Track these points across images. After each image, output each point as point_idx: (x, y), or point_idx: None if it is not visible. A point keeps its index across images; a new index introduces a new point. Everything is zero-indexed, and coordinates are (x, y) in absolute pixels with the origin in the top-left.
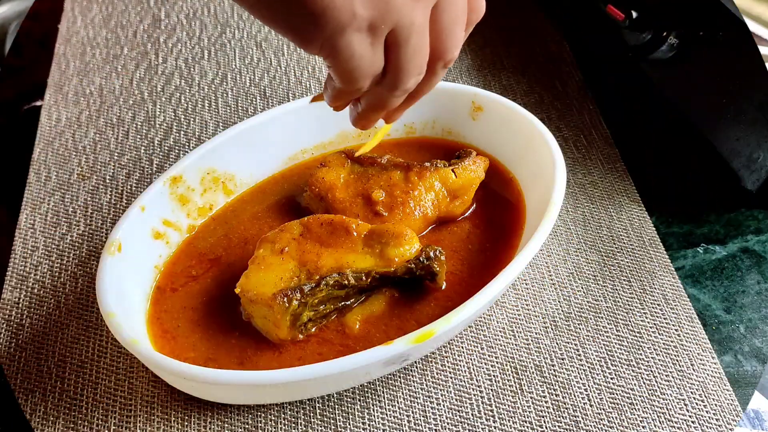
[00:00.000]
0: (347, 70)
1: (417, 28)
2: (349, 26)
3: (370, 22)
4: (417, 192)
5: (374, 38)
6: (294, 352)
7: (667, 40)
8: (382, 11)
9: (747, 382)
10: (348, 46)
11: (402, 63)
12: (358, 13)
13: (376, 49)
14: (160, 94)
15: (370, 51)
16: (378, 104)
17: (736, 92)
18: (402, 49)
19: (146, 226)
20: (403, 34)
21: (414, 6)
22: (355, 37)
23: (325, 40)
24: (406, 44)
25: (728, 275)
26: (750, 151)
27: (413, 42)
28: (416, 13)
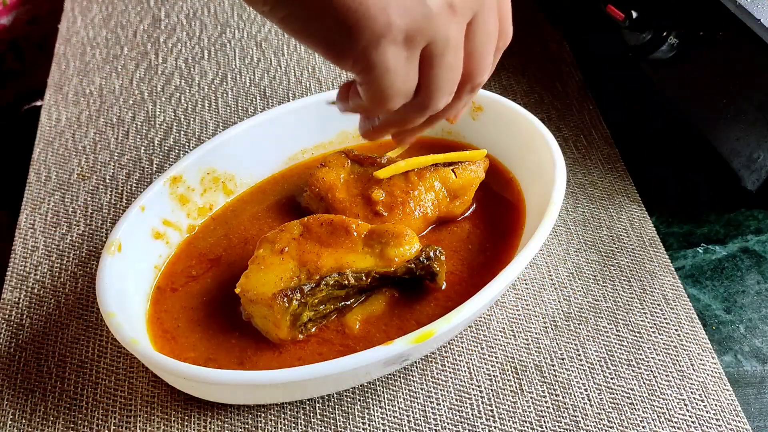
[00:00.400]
0: (381, 87)
1: (453, 44)
2: (385, 37)
3: (407, 34)
4: (417, 192)
5: (410, 51)
6: (294, 352)
7: (667, 40)
8: (420, 22)
9: (747, 382)
10: (383, 58)
11: (435, 81)
12: (395, 23)
13: (411, 64)
14: (160, 94)
15: (405, 66)
16: (399, 121)
17: (736, 92)
18: (436, 66)
19: (146, 226)
20: (438, 49)
21: (451, 20)
22: (390, 49)
23: (360, 53)
24: (441, 61)
25: (728, 275)
26: (750, 151)
27: (448, 59)
28: (452, 27)
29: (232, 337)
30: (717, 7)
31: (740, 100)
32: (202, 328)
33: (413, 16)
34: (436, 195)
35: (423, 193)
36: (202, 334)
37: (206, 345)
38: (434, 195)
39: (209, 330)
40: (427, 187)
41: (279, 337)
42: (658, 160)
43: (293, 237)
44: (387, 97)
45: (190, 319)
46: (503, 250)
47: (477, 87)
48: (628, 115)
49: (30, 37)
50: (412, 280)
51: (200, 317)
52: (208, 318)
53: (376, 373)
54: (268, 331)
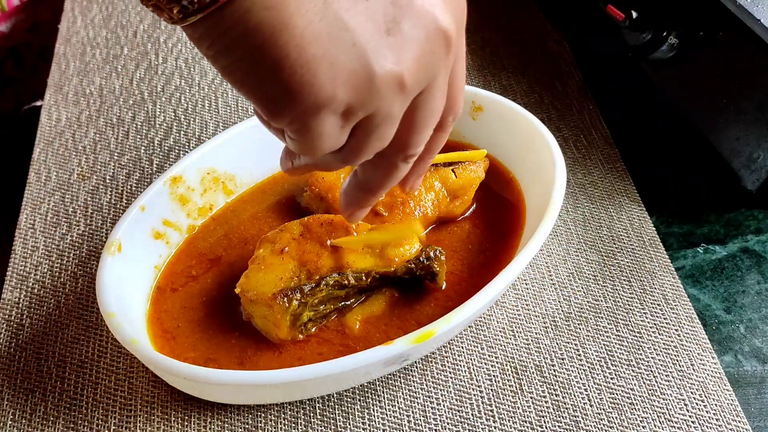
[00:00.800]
0: (310, 147)
1: (390, 119)
2: (327, 108)
3: (348, 107)
4: (417, 192)
5: (346, 122)
6: (294, 352)
7: (667, 40)
8: (364, 98)
9: (747, 382)
10: (319, 125)
11: (360, 145)
12: (338, 96)
13: (345, 132)
14: (160, 94)
15: (338, 133)
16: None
17: (736, 92)
18: (367, 135)
19: (146, 226)
20: (375, 121)
21: (397, 97)
22: (329, 119)
23: (296, 117)
24: (374, 132)
25: (728, 275)
26: (750, 151)
27: (381, 131)
28: (396, 105)
29: (232, 337)
30: (717, 7)
31: (740, 100)
32: (202, 328)
33: (359, 92)
34: (436, 195)
35: (423, 193)
36: (202, 334)
37: (206, 345)
38: (434, 195)
39: (209, 330)
40: (427, 187)
41: (279, 337)
42: (658, 160)
43: (293, 237)
44: (312, 152)
45: (190, 319)
46: (503, 250)
47: (410, 158)
48: (628, 115)
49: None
50: (412, 280)
51: (200, 317)
52: (208, 318)
53: (376, 373)
54: (268, 331)
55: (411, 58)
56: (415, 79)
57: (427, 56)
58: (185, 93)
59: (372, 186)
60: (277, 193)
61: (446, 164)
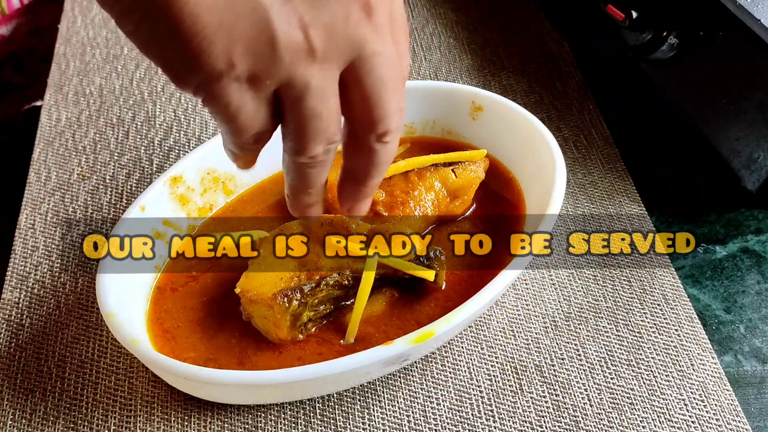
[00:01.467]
0: (226, 119)
1: (314, 90)
2: (226, 75)
3: (251, 74)
4: (417, 192)
5: (257, 91)
6: (294, 352)
7: (667, 40)
8: (268, 65)
9: (747, 382)
10: (224, 94)
11: (299, 125)
12: (237, 62)
13: (260, 103)
14: (160, 94)
15: (252, 103)
16: (301, 180)
17: (736, 92)
18: (297, 110)
19: (146, 226)
20: (294, 94)
21: (309, 64)
22: (232, 86)
23: (200, 84)
24: (301, 106)
25: (728, 275)
26: (750, 151)
27: (310, 105)
28: (311, 73)
29: (232, 337)
30: (717, 7)
31: (740, 100)
32: (202, 328)
33: (261, 59)
34: (436, 195)
35: (423, 193)
36: (202, 334)
37: (206, 345)
38: (434, 195)
39: (209, 330)
40: (427, 187)
41: (279, 337)
42: (658, 160)
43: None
44: (238, 129)
45: (190, 319)
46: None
47: (384, 135)
48: (628, 115)
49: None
50: (412, 280)
51: (200, 317)
52: (208, 318)
53: (376, 373)
54: (268, 331)
55: (321, 24)
56: (327, 45)
57: (340, 21)
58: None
59: (358, 175)
60: (277, 193)
61: (446, 164)
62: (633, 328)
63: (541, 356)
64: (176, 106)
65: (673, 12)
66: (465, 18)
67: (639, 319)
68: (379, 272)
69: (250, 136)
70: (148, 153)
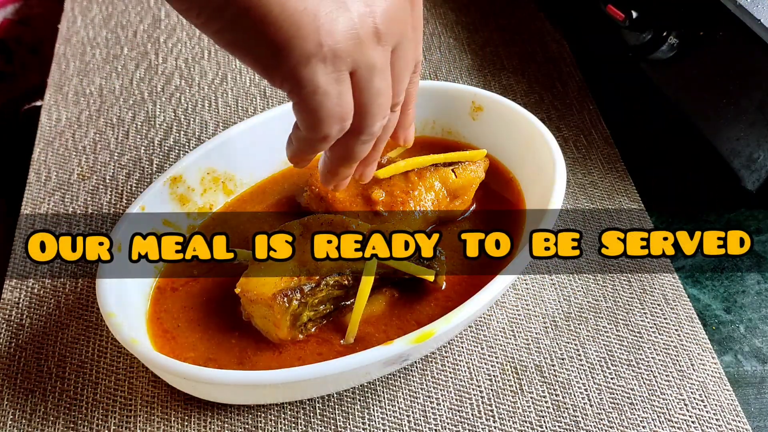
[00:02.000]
0: (312, 107)
1: (379, 69)
2: (315, 56)
3: (335, 54)
4: (417, 192)
5: (338, 72)
6: (294, 352)
7: (667, 40)
8: (348, 45)
9: (747, 382)
10: (313, 77)
11: (367, 105)
12: (325, 43)
13: (342, 85)
14: (160, 94)
15: (336, 86)
16: (346, 155)
17: (736, 92)
18: (366, 90)
19: (146, 226)
20: (365, 74)
21: (376, 46)
22: (320, 68)
23: (289, 71)
24: (370, 85)
25: (728, 275)
26: (750, 151)
27: (376, 83)
28: (377, 55)
29: (232, 337)
30: (717, 7)
31: (740, 100)
32: (202, 328)
33: (343, 39)
34: (436, 195)
35: (423, 193)
36: (202, 334)
37: (206, 345)
38: (434, 195)
39: (209, 330)
40: (427, 187)
41: (279, 337)
42: (658, 160)
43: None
44: (321, 120)
45: (190, 319)
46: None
47: (395, 107)
48: (628, 115)
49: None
50: (412, 280)
51: (200, 317)
52: (208, 318)
53: (376, 373)
54: (268, 331)
55: (383, 8)
56: (388, 29)
57: (396, 9)
58: (185, 93)
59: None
60: (277, 193)
61: (446, 164)
62: (633, 328)
63: (541, 356)
64: (176, 106)
65: (673, 12)
66: (465, 18)
67: (639, 319)
68: (379, 272)
69: (335, 127)
70: (148, 153)
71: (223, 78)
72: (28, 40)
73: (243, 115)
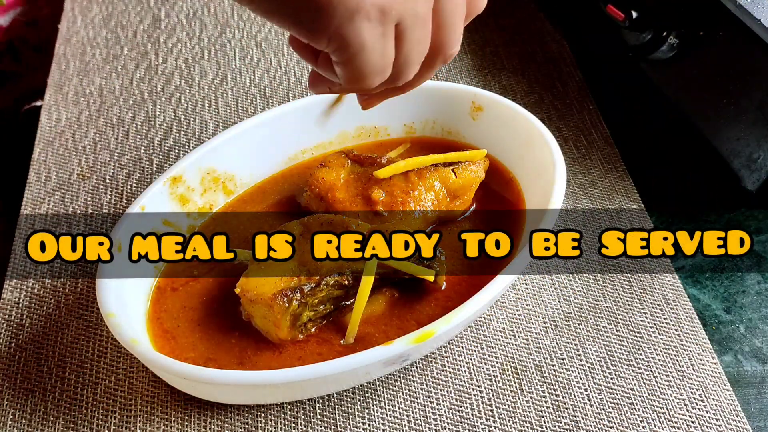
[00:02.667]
0: (358, 64)
1: (420, 19)
2: (358, 13)
3: (380, 9)
4: (417, 192)
5: (384, 27)
6: (294, 352)
7: (667, 40)
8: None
9: (747, 382)
10: (358, 34)
11: (405, 55)
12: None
13: (387, 40)
14: (160, 94)
15: (381, 42)
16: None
17: (736, 92)
18: (406, 40)
19: (146, 226)
20: (407, 24)
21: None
22: (365, 25)
23: (334, 31)
24: (411, 35)
25: (728, 275)
26: (750, 151)
27: (417, 33)
28: (419, 5)
29: (232, 337)
30: (717, 7)
31: (740, 100)
32: (202, 328)
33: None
34: (436, 195)
35: (423, 193)
36: (202, 334)
37: (206, 345)
38: (434, 195)
39: (209, 330)
40: (427, 187)
41: (279, 337)
42: (658, 160)
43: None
44: (364, 75)
45: (190, 319)
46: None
47: (449, 57)
48: (628, 115)
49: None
50: (412, 280)
51: (200, 317)
52: (208, 318)
53: (376, 373)
54: (268, 331)
55: None
56: None
57: None
58: (185, 93)
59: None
60: (277, 193)
61: (446, 164)
62: (633, 328)
63: (541, 356)
64: (176, 106)
65: (673, 12)
66: None
67: (639, 319)
68: (379, 272)
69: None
70: (148, 153)
71: (223, 78)
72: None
73: (243, 115)
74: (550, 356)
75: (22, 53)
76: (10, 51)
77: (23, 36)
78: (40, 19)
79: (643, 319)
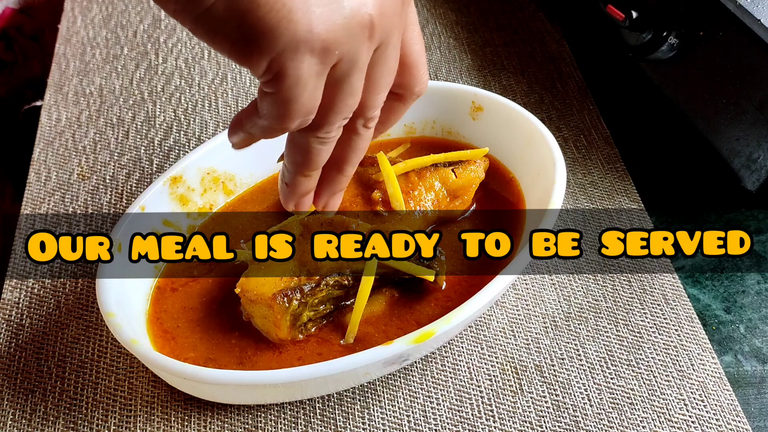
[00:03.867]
0: (287, 98)
1: (360, 66)
2: (305, 44)
3: (324, 44)
4: (417, 192)
5: (322, 66)
6: (294, 352)
7: (667, 40)
8: (339, 37)
9: (747, 382)
10: (298, 66)
11: (335, 101)
12: (316, 30)
13: (320, 80)
14: (160, 94)
15: (315, 80)
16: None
17: (736, 92)
18: (339, 87)
19: (146, 226)
20: (345, 68)
21: (365, 41)
22: (306, 57)
23: (275, 58)
24: (346, 82)
25: (728, 275)
26: (750, 151)
27: (352, 81)
28: (364, 49)
29: (232, 337)
30: (717, 7)
31: (740, 100)
32: (202, 328)
33: (334, 30)
34: (436, 195)
35: (423, 193)
36: (202, 334)
37: (206, 345)
38: (434, 195)
39: (209, 330)
40: (427, 187)
41: (279, 337)
42: (658, 160)
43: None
44: (290, 113)
45: (190, 319)
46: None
47: (369, 120)
48: (628, 115)
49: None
50: (412, 280)
51: (200, 317)
52: (208, 318)
53: (376, 373)
54: (268, 331)
55: (376, 4)
56: (380, 24)
57: (388, 5)
58: (185, 93)
59: (341, 163)
60: (277, 193)
61: (446, 164)
62: (633, 328)
63: (541, 356)
64: (176, 106)
65: (673, 12)
66: (465, 18)
67: (639, 319)
68: (379, 272)
69: (299, 120)
70: (148, 153)
71: (223, 78)
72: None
73: None
74: (550, 356)
75: (17, 41)
76: (4, 39)
77: (18, 25)
78: (34, 8)
79: (643, 319)
